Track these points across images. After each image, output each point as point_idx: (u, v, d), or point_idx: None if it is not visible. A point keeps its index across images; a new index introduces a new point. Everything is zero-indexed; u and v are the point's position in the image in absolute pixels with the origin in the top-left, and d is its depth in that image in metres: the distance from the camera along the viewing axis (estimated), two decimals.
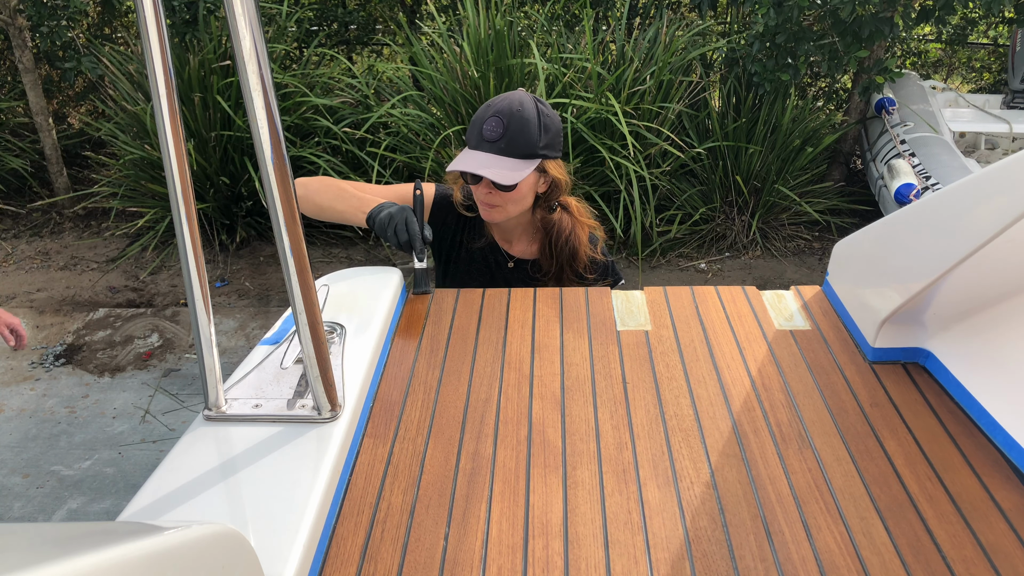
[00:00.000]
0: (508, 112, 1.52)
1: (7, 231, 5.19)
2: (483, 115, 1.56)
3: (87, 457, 3.10)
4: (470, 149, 1.58)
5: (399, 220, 1.44)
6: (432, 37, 4.65)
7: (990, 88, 6.98)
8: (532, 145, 1.54)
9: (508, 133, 1.52)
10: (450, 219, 1.74)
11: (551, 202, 1.68)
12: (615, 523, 0.94)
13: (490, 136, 1.53)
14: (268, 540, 0.85)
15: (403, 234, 1.43)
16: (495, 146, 1.53)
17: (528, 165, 1.54)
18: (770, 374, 1.23)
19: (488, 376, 1.24)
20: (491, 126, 1.53)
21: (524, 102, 1.55)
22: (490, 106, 1.56)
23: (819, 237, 5.04)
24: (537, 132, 1.54)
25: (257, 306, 4.35)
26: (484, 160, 1.53)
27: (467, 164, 1.54)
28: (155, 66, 0.87)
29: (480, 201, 1.62)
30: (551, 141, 1.58)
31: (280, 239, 0.90)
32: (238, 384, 1.13)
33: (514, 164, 1.53)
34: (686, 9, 5.61)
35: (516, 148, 1.53)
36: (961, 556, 0.89)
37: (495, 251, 1.75)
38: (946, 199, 1.08)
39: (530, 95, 1.59)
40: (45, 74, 5.65)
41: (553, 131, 1.58)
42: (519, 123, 1.52)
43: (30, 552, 0.48)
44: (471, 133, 1.58)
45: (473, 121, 1.59)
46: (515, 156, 1.54)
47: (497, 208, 1.61)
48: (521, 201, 1.62)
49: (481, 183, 1.57)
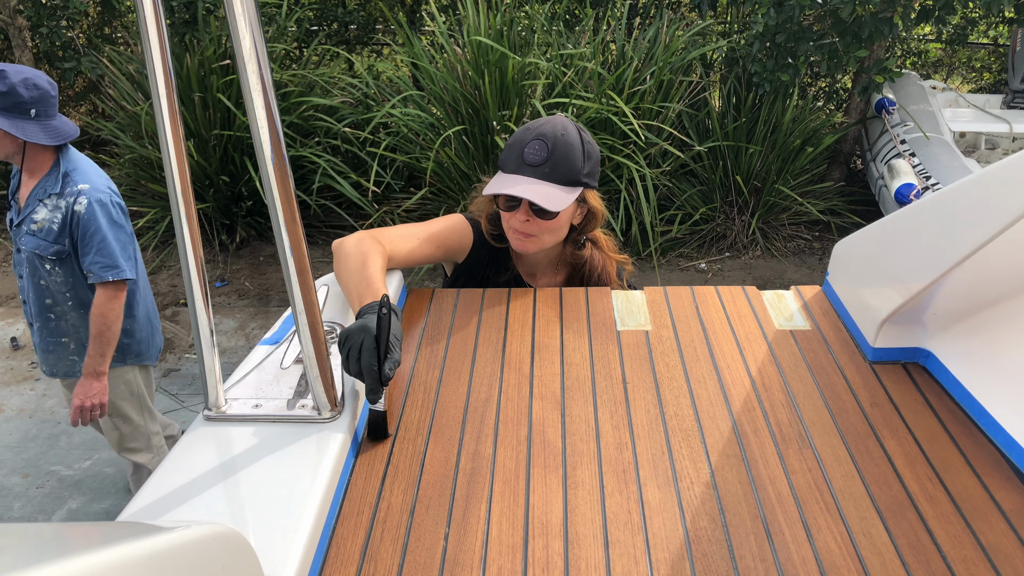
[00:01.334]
0: (552, 136, 1.44)
1: (7, 231, 5.19)
2: (523, 138, 1.47)
3: (87, 457, 3.10)
4: (507, 173, 1.47)
5: (353, 343, 1.06)
6: (432, 38, 4.65)
7: (990, 88, 6.99)
8: (576, 172, 1.45)
9: (552, 157, 1.43)
10: (483, 254, 1.62)
11: (584, 234, 1.59)
12: (615, 523, 0.94)
13: (533, 160, 1.44)
14: (268, 540, 0.85)
15: (354, 364, 1.06)
16: (538, 171, 1.44)
17: (572, 193, 1.45)
18: (770, 374, 1.23)
19: (488, 376, 1.24)
20: (534, 149, 1.44)
21: (567, 127, 1.47)
22: (530, 129, 1.48)
23: (819, 237, 5.04)
24: (581, 159, 1.46)
25: (257, 306, 4.35)
26: (527, 183, 1.43)
27: (509, 187, 1.43)
28: (155, 66, 0.87)
29: (514, 230, 1.50)
30: (592, 169, 1.49)
31: (280, 239, 0.90)
32: (238, 384, 1.13)
33: (558, 191, 1.44)
34: (686, 9, 5.61)
35: (560, 174, 1.44)
36: (961, 556, 0.89)
37: (518, 283, 1.65)
38: (946, 199, 1.08)
39: (572, 120, 1.52)
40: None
41: (595, 159, 1.50)
42: (564, 148, 1.44)
43: (30, 552, 0.48)
44: (508, 157, 1.48)
45: (510, 144, 1.49)
46: (559, 183, 1.44)
47: (532, 239, 1.50)
48: (558, 231, 1.52)
49: (519, 211, 1.47)
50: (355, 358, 1.06)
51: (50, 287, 2.24)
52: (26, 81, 2.07)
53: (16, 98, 2.05)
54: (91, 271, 2.16)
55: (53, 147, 2.19)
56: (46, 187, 2.16)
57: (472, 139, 4.33)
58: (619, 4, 5.12)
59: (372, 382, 1.06)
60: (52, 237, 2.15)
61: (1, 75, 2.04)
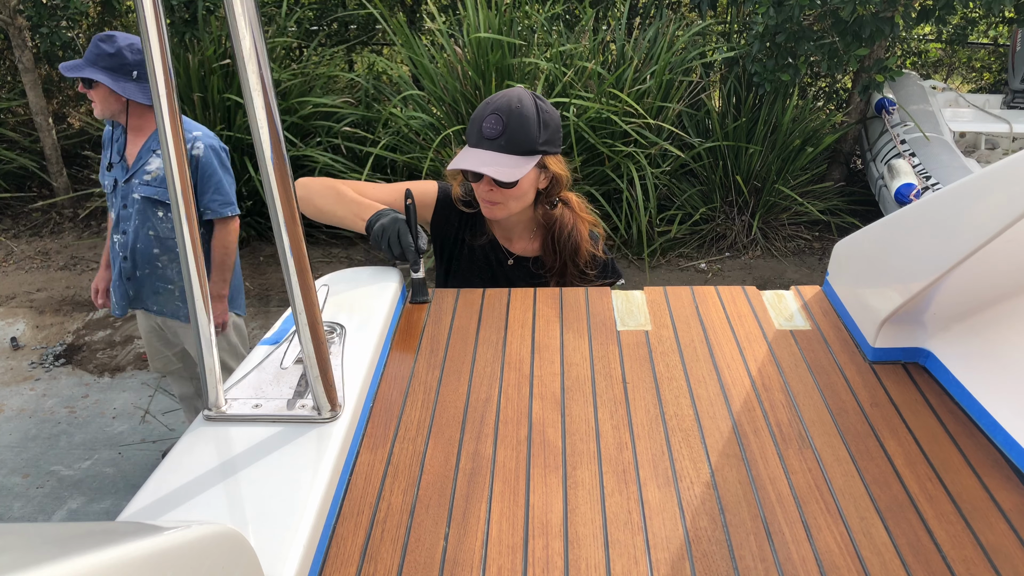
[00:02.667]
0: (507, 109, 1.53)
1: (7, 231, 5.19)
2: (482, 113, 1.56)
3: (87, 457, 3.10)
4: (470, 147, 1.58)
5: (391, 232, 1.43)
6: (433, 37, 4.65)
7: (990, 88, 6.98)
8: (532, 142, 1.54)
9: (508, 130, 1.52)
10: (452, 217, 1.74)
11: (552, 198, 1.68)
12: (615, 523, 0.94)
13: (490, 134, 1.54)
14: (268, 540, 0.85)
15: (396, 247, 1.42)
16: (495, 143, 1.54)
17: (529, 162, 1.54)
18: (770, 374, 1.23)
19: (488, 376, 1.24)
20: (490, 124, 1.53)
21: (523, 99, 1.55)
22: (488, 104, 1.56)
23: (819, 237, 5.04)
24: (537, 128, 1.54)
25: (257, 306, 4.35)
26: (485, 158, 1.54)
27: (468, 162, 1.54)
28: (155, 66, 0.87)
29: (482, 199, 1.62)
30: (551, 137, 1.58)
31: (280, 239, 0.90)
32: (238, 384, 1.13)
33: (515, 161, 1.53)
34: (686, 9, 5.61)
35: (516, 145, 1.53)
36: (961, 556, 0.89)
37: (496, 249, 1.75)
38: (946, 199, 1.08)
39: (528, 91, 1.59)
40: (45, 74, 5.66)
41: (552, 127, 1.58)
42: (518, 120, 1.52)
43: (30, 552, 0.48)
44: (471, 131, 1.58)
45: (472, 119, 1.58)
46: (515, 153, 1.54)
47: (499, 205, 1.61)
48: (523, 198, 1.62)
49: (482, 181, 1.57)
50: (395, 242, 1.42)
51: (160, 235, 2.43)
52: (132, 46, 2.28)
53: (122, 59, 2.25)
54: (209, 208, 2.40)
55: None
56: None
57: None
58: (619, 4, 5.12)
59: (413, 256, 1.43)
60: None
61: (110, 39, 2.25)
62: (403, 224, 1.44)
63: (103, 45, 2.24)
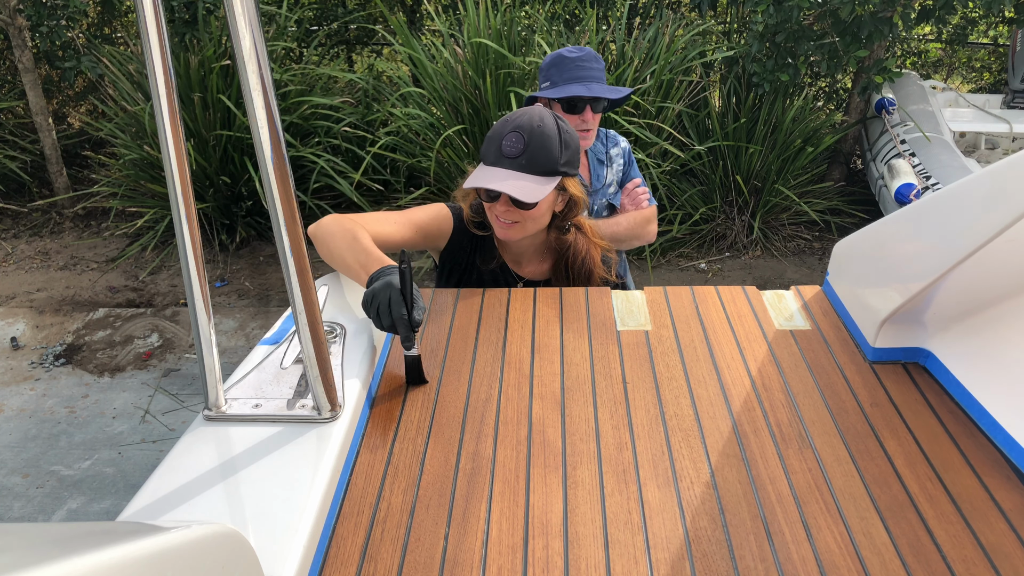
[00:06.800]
0: (528, 128, 1.47)
1: (7, 231, 5.19)
2: (501, 130, 1.51)
3: (87, 457, 3.10)
4: (486, 165, 1.52)
5: (382, 300, 1.19)
6: (433, 37, 4.65)
7: (990, 88, 6.99)
8: (553, 162, 1.49)
9: (529, 149, 1.47)
10: (465, 242, 1.67)
11: (567, 221, 1.63)
12: (615, 523, 0.94)
13: (510, 152, 1.48)
14: (268, 540, 0.85)
15: (386, 317, 1.18)
16: (515, 162, 1.48)
17: (550, 183, 1.49)
18: (770, 374, 1.23)
19: (488, 376, 1.24)
20: (511, 142, 1.48)
21: (544, 117, 1.50)
22: (508, 121, 1.51)
23: (819, 237, 5.04)
24: (559, 149, 1.49)
25: (257, 306, 4.35)
26: (504, 177, 1.47)
27: (487, 180, 1.48)
28: (155, 66, 0.87)
29: (496, 219, 1.55)
30: (571, 158, 1.53)
31: (280, 239, 0.90)
32: (238, 384, 1.13)
33: (535, 181, 1.48)
34: (686, 9, 5.61)
35: (537, 165, 1.48)
36: (961, 556, 0.89)
37: (505, 272, 1.69)
38: (946, 199, 1.08)
39: (548, 111, 1.54)
40: (45, 74, 5.65)
41: (573, 148, 1.53)
42: (540, 139, 1.47)
43: (30, 552, 0.48)
44: (488, 149, 1.53)
45: (489, 137, 1.53)
46: (536, 173, 1.48)
47: (515, 226, 1.54)
48: (539, 219, 1.56)
49: (500, 200, 1.51)
50: (385, 312, 1.18)
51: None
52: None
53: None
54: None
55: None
56: (596, 152, 2.21)
57: (472, 139, 4.33)
58: (619, 4, 5.12)
59: (405, 330, 1.18)
60: (619, 180, 2.27)
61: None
62: (396, 291, 1.19)
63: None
